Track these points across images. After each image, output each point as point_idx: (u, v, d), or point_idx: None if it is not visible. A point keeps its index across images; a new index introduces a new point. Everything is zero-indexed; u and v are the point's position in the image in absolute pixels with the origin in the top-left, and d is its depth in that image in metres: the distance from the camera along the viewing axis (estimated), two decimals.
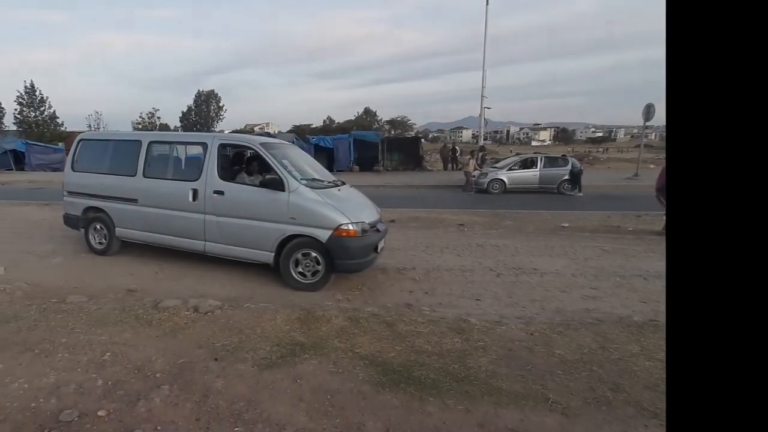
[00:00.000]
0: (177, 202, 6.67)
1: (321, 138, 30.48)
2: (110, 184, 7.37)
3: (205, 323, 4.54)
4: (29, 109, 55.50)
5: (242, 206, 6.26)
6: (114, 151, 7.67)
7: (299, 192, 5.94)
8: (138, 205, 7.08)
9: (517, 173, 18.62)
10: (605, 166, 32.81)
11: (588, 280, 6.56)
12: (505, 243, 8.82)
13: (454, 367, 3.74)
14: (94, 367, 3.59)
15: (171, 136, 8.04)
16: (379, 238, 6.33)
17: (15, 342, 3.99)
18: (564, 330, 4.56)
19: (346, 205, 6.09)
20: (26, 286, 5.78)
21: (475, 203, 15.37)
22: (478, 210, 13.38)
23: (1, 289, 5.49)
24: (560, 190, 18.09)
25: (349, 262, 5.85)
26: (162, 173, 7.05)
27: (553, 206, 14.29)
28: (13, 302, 5.10)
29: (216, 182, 6.39)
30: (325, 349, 4.03)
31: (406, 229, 10.29)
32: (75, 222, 7.93)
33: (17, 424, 2.84)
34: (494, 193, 18.06)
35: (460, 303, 5.64)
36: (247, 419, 2.96)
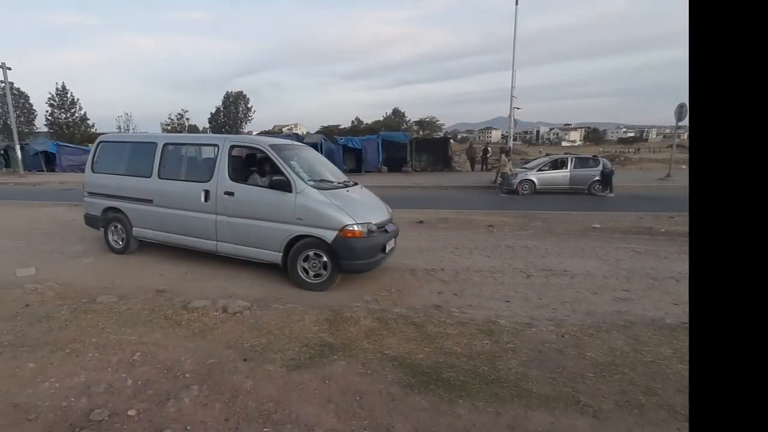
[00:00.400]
0: (190, 202, 6.82)
1: (349, 139, 30.45)
2: (127, 185, 7.57)
3: (234, 324, 4.56)
4: (60, 111, 57.00)
5: (251, 207, 6.37)
6: (131, 152, 7.90)
7: (306, 193, 6.00)
8: (153, 206, 7.27)
9: (547, 174, 18.30)
10: (637, 167, 32.12)
11: (620, 282, 6.43)
12: (535, 244, 8.69)
13: (484, 369, 3.69)
14: (124, 366, 3.63)
15: (184, 138, 8.27)
16: (387, 238, 6.33)
17: (46, 342, 4.06)
18: (595, 332, 4.49)
19: (352, 206, 6.12)
20: (57, 286, 5.89)
21: (505, 204, 15.15)
22: (508, 211, 13.21)
23: (32, 289, 5.61)
24: (591, 190, 17.73)
25: (355, 263, 5.89)
26: (176, 174, 7.23)
27: (584, 207, 14.01)
28: (44, 302, 5.19)
29: (226, 183, 6.51)
30: (353, 350, 4.01)
31: (435, 230, 10.23)
32: (95, 222, 8.17)
33: (48, 423, 2.87)
34: (524, 194, 17.80)
35: (489, 304, 5.56)
36: (276, 420, 2.94)
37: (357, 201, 6.50)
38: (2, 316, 4.71)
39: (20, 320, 4.58)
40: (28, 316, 4.69)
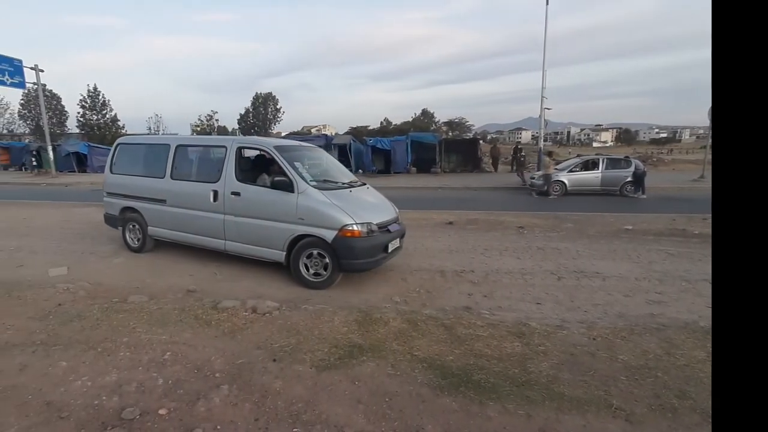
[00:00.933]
0: (200, 202, 7.00)
1: (378, 140, 30.37)
2: (143, 186, 7.79)
3: (263, 324, 4.57)
4: (91, 112, 57.98)
5: (256, 207, 6.50)
6: (146, 154, 8.15)
7: (307, 193, 6.10)
8: (166, 206, 7.47)
9: (578, 175, 17.97)
10: (669, 168, 31.44)
11: (653, 285, 6.27)
12: (566, 246, 8.54)
13: (515, 371, 3.67)
14: (155, 366, 3.66)
15: (195, 140, 8.35)
16: (389, 238, 6.35)
17: (78, 340, 4.13)
18: (628, 335, 4.45)
19: (353, 206, 6.17)
20: (89, 286, 5.98)
21: (535, 205, 14.92)
22: (538, 212, 13.01)
23: (64, 289, 5.72)
24: (623, 192, 17.34)
25: (355, 262, 5.92)
26: (187, 175, 7.40)
27: (616, 209, 13.71)
28: (76, 301, 5.29)
29: (233, 184, 6.67)
30: (383, 351, 3.99)
31: (465, 231, 10.12)
32: (114, 221, 8.42)
33: (80, 421, 2.90)
34: (555, 195, 17.53)
35: (520, 306, 5.46)
36: (306, 420, 2.93)
37: (359, 201, 6.57)
38: (35, 315, 4.81)
39: (53, 319, 4.68)
40: (60, 316, 4.78)
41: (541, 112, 25.25)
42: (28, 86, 33.46)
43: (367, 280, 6.48)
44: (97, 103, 58.17)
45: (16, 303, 5.20)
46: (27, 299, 5.32)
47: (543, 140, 25.98)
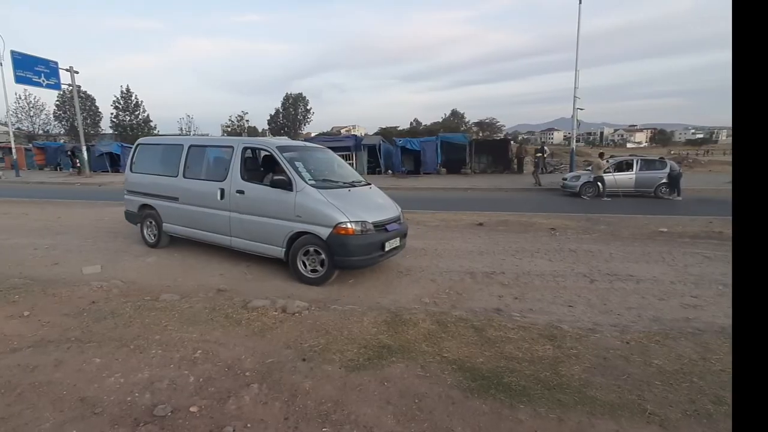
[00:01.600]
0: (208, 200, 7.29)
1: (408, 140, 30.32)
2: (159, 184, 8.19)
3: (293, 324, 4.58)
4: (124, 113, 59.47)
5: (258, 205, 6.74)
6: (163, 154, 8.54)
7: (305, 192, 6.29)
8: (179, 203, 7.83)
9: (612, 176, 17.58)
10: (706, 169, 30.69)
11: (688, 288, 6.13)
12: (599, 248, 8.38)
13: (546, 374, 3.61)
14: (186, 364, 3.69)
15: (206, 141, 8.50)
16: (386, 237, 6.42)
17: (112, 338, 4.19)
18: (662, 339, 4.35)
19: (349, 205, 6.30)
20: (122, 284, 6.08)
21: (567, 207, 14.65)
22: (571, 214, 12.81)
23: (98, 287, 5.82)
24: (657, 193, 16.96)
25: (348, 259, 6.07)
26: (197, 174, 7.68)
27: (650, 210, 13.45)
28: (109, 299, 5.37)
29: (238, 182, 6.94)
30: (412, 352, 3.96)
31: (495, 232, 10.04)
32: (133, 218, 8.89)
33: (114, 417, 2.93)
34: (587, 197, 17.23)
35: (551, 309, 5.38)
36: (335, 420, 2.91)
37: (357, 200, 6.70)
38: (70, 312, 4.90)
39: (87, 316, 4.76)
40: (94, 313, 4.87)
41: (574, 113, 24.85)
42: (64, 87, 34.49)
43: (396, 280, 6.48)
44: (130, 104, 59.59)
45: (51, 300, 5.31)
46: (62, 296, 5.43)
47: (576, 141, 25.56)
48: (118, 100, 59.35)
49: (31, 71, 28.66)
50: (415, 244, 8.76)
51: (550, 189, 20.08)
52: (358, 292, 5.98)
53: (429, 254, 8.00)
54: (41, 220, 11.95)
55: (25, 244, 8.84)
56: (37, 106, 59.05)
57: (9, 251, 8.23)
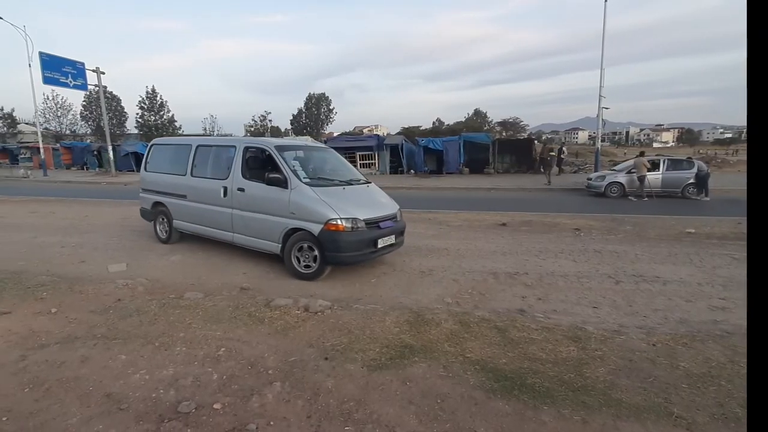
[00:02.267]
0: (213, 198, 7.58)
1: (430, 140, 30.28)
2: (169, 182, 8.55)
3: (315, 323, 4.59)
4: (149, 113, 60.37)
5: (257, 202, 6.98)
6: (173, 154, 8.85)
7: (299, 189, 6.51)
8: (187, 201, 8.16)
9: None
10: (735, 169, 29.97)
11: (716, 290, 6.00)
12: (625, 249, 8.25)
13: (570, 376, 3.56)
14: (210, 361, 3.71)
15: (212, 141, 8.79)
16: (378, 234, 6.56)
17: (137, 335, 4.25)
18: (689, 342, 4.27)
19: (341, 202, 6.47)
20: (147, 282, 6.16)
21: (592, 207, 14.46)
22: (595, 214, 12.65)
23: (124, 285, 5.91)
24: (685, 194, 16.65)
25: (339, 255, 6.23)
26: (203, 173, 7.96)
27: (677, 211, 13.21)
28: (135, 297, 5.45)
29: (240, 181, 7.20)
30: (434, 352, 3.94)
31: (518, 233, 9.96)
32: (147, 215, 9.29)
33: (139, 413, 2.96)
34: (612, 197, 16.99)
35: (575, 310, 5.31)
36: (357, 419, 2.91)
37: (350, 198, 6.86)
38: (96, 309, 4.98)
39: (112, 314, 4.84)
40: (119, 310, 4.94)
41: (599, 112, 24.51)
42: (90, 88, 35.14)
43: (418, 280, 6.45)
44: (155, 104, 60.46)
45: (78, 297, 5.40)
46: (88, 294, 5.53)
47: (601, 140, 25.18)
48: (143, 100, 60.26)
49: (58, 72, 29.29)
50: (438, 244, 8.75)
51: (575, 189, 19.87)
52: (380, 292, 5.96)
53: (451, 254, 7.95)
54: (68, 219, 12.21)
55: (52, 242, 9.03)
56: (65, 107, 60.50)
57: (37, 249, 8.40)
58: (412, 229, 10.28)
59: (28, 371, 3.53)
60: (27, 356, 3.79)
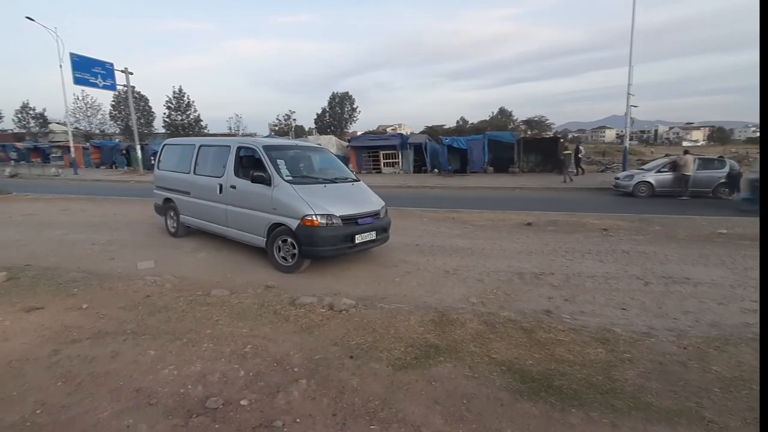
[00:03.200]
0: (211, 194, 8.06)
1: (454, 139, 30.07)
2: (177, 180, 9.11)
3: (340, 321, 4.60)
4: (176, 113, 61.07)
5: (246, 198, 7.37)
6: (180, 153, 9.35)
7: (280, 187, 6.85)
8: (190, 197, 8.71)
9: (667, 175, 16.93)
10: None
11: (748, 292, 5.85)
12: (654, 250, 8.08)
13: (598, 378, 3.52)
14: (237, 358, 3.75)
15: (211, 141, 9.09)
16: (355, 230, 6.80)
17: (165, 331, 4.32)
18: (721, 345, 4.19)
19: (319, 199, 6.74)
20: (174, 279, 6.25)
21: (620, 207, 14.23)
22: (623, 214, 12.43)
23: (152, 281, 6.02)
24: (716, 194, 16.27)
25: (315, 249, 6.53)
26: (204, 171, 8.43)
27: (708, 211, 12.93)
28: (163, 294, 5.54)
29: (232, 178, 7.65)
30: (460, 352, 3.92)
31: (544, 232, 9.85)
32: (159, 210, 9.91)
33: (168, 408, 3.00)
34: (641, 196, 16.69)
35: (603, 312, 5.22)
36: (383, 418, 2.91)
37: (330, 195, 7.11)
38: (125, 305, 5.08)
39: (141, 310, 4.92)
40: (148, 306, 5.03)
41: (627, 110, 24.01)
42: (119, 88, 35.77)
43: (442, 280, 6.42)
44: (181, 104, 61.20)
45: (108, 293, 5.52)
46: (118, 290, 5.64)
47: (629, 139, 24.69)
48: (170, 100, 61.02)
49: (88, 72, 29.91)
50: (462, 243, 8.71)
51: (602, 188, 19.59)
52: (404, 291, 5.95)
53: (476, 254, 7.90)
54: (98, 216, 12.49)
55: (83, 239, 9.25)
56: (94, 107, 61.56)
57: (68, 246, 8.62)
58: (436, 229, 10.28)
59: (61, 365, 3.61)
60: (59, 351, 3.87)
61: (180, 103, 61.33)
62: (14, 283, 5.87)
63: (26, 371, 3.54)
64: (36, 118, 66.32)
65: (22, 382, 3.37)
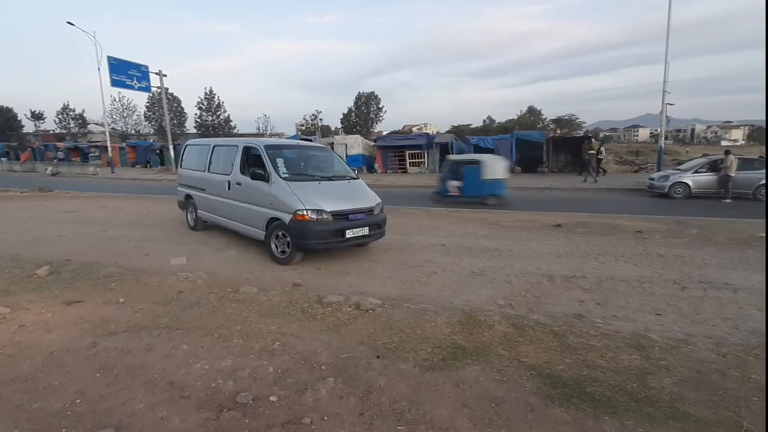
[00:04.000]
0: (221, 190, 8.70)
1: (481, 138, 29.70)
2: (195, 177, 9.84)
3: (367, 320, 4.63)
4: (207, 114, 62.40)
5: (249, 194, 7.91)
6: (198, 153, 10.00)
7: (276, 183, 7.32)
8: (205, 194, 9.38)
9: (705, 176, 16.33)
10: None
11: None
12: (691, 253, 7.84)
13: (633, 385, 3.42)
14: (266, 354, 3.82)
15: (222, 141, 9.79)
16: (346, 225, 7.13)
17: (197, 326, 4.42)
18: (761, 353, 4.03)
19: (312, 195, 7.14)
20: (205, 276, 6.39)
21: (654, 209, 13.86)
22: (658, 216, 12.06)
23: (184, 277, 6.17)
24: (757, 195, 15.66)
25: (306, 242, 6.92)
26: (216, 169, 9.06)
27: (749, 214, 12.40)
28: (195, 290, 5.68)
29: (238, 176, 8.19)
30: (488, 355, 3.88)
31: (574, 234, 9.64)
32: (182, 205, 10.64)
33: (200, 401, 3.08)
34: (677, 198, 16.17)
35: (637, 317, 5.07)
36: (410, 419, 2.90)
37: (323, 191, 7.51)
38: (159, 300, 5.24)
39: (174, 305, 5.06)
40: (181, 302, 5.16)
41: (663, 108, 23.15)
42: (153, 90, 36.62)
43: (469, 281, 6.38)
44: (212, 105, 62.53)
45: (143, 288, 5.68)
46: (152, 285, 5.81)
47: (664, 138, 23.94)
48: (201, 101, 62.38)
49: (124, 75, 30.88)
50: (489, 244, 8.64)
51: (635, 189, 19.06)
52: (430, 291, 5.93)
53: (503, 255, 7.83)
54: (134, 214, 12.90)
55: (120, 235, 9.55)
56: (130, 108, 63.27)
57: (106, 242, 8.91)
58: (462, 229, 10.22)
59: (99, 357, 3.74)
60: (98, 343, 4.01)
61: (210, 103, 62.59)
62: (56, 277, 6.11)
63: (67, 362, 3.67)
64: (75, 118, 68.58)
65: (64, 372, 3.50)
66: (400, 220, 11.42)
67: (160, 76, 33.43)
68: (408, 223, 11.10)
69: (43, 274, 6.20)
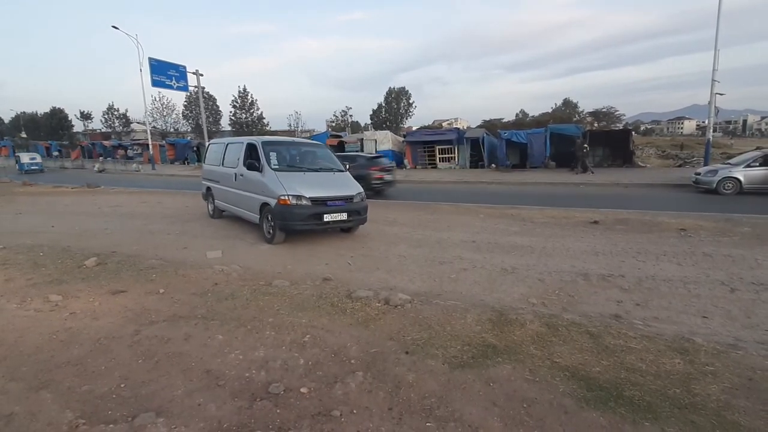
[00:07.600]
0: (230, 181, 10.06)
1: (513, 133, 28.85)
2: (213, 171, 11.21)
3: (396, 316, 4.63)
4: (241, 111, 63.69)
5: (248, 183, 9.18)
6: (216, 150, 11.41)
7: (267, 173, 8.57)
8: (220, 185, 10.79)
9: (758, 171, 15.33)
10: None
11: None
12: (741, 253, 7.40)
13: (675, 391, 3.23)
14: (296, 347, 3.88)
15: (234, 139, 10.99)
16: (324, 210, 8.18)
17: (232, 317, 4.54)
18: None
19: (295, 183, 8.22)
20: (239, 269, 6.55)
21: (701, 206, 13.12)
22: (705, 213, 11.44)
23: (220, 270, 6.35)
24: None
25: (288, 224, 8.10)
26: (228, 164, 10.38)
27: None
28: (229, 282, 5.84)
29: (242, 168, 9.45)
30: (519, 354, 3.79)
31: (612, 232, 9.34)
32: (204, 197, 12.03)
33: (234, 390, 3.16)
34: (726, 194, 15.32)
35: (681, 319, 4.85)
36: (439, 416, 2.88)
37: (306, 180, 8.58)
38: (196, 291, 5.42)
39: (210, 296, 5.22)
40: (216, 294, 5.32)
41: (712, 98, 21.60)
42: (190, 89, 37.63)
43: (500, 278, 6.31)
44: (246, 103, 63.80)
45: (181, 280, 5.88)
46: (190, 277, 5.99)
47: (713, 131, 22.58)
48: (235, 99, 63.62)
49: (164, 75, 32.01)
50: (521, 241, 8.53)
51: (680, 185, 18.20)
52: (460, 288, 5.89)
53: (536, 252, 7.70)
54: (172, 209, 13.51)
55: (160, 229, 10.01)
56: (169, 107, 65.06)
57: (148, 236, 9.32)
58: (493, 225, 10.15)
59: (141, 345, 3.91)
60: (140, 331, 4.18)
61: (244, 102, 63.78)
62: (102, 268, 6.44)
63: (112, 348, 3.85)
64: (119, 118, 71.00)
65: (109, 357, 3.68)
66: (431, 216, 11.40)
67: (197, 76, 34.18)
68: (439, 219, 11.10)
69: (91, 264, 6.54)
